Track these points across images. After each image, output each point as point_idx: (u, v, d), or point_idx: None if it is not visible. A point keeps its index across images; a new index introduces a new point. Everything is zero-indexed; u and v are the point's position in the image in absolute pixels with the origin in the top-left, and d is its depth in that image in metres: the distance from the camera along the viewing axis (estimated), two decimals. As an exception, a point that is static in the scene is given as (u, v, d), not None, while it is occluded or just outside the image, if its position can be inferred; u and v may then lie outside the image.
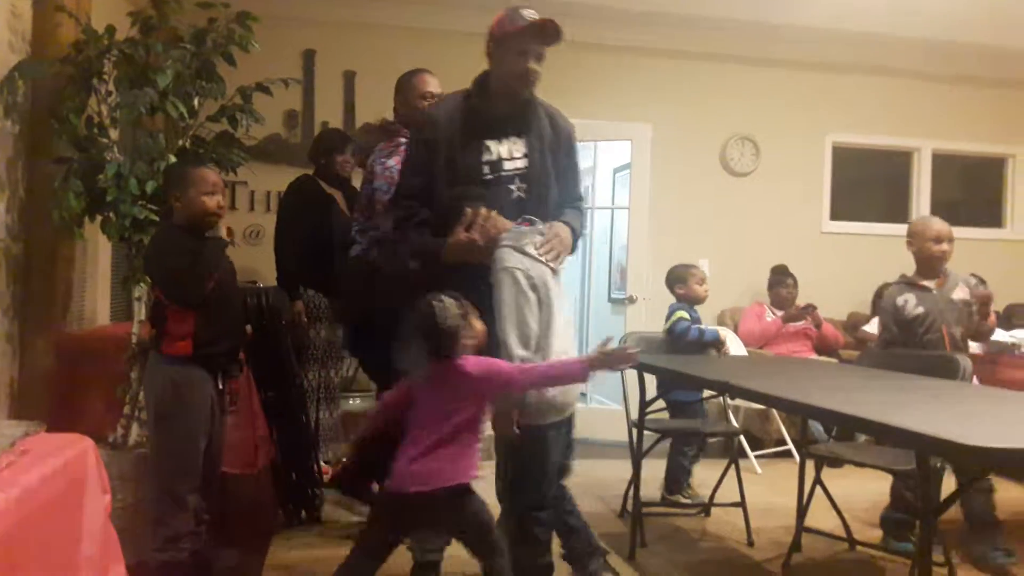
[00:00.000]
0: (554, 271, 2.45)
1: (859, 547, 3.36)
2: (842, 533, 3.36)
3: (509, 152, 2.66)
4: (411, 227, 2.63)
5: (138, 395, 3.15)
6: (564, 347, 2.41)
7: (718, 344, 4.19)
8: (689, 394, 3.94)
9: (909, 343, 3.54)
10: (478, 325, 2.28)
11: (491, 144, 2.63)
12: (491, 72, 2.65)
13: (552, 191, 2.67)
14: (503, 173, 2.62)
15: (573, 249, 2.65)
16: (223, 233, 2.77)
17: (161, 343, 2.71)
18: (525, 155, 2.66)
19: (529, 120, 2.68)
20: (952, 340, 3.51)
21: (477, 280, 2.40)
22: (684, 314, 4.11)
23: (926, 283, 3.63)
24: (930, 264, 3.64)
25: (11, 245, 3.16)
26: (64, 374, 3.45)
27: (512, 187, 2.63)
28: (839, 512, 3.35)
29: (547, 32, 2.51)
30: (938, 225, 3.69)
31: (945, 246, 3.64)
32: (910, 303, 3.58)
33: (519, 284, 2.34)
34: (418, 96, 3.30)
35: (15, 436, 1.52)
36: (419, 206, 2.61)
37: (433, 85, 3.33)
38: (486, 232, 2.43)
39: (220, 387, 2.80)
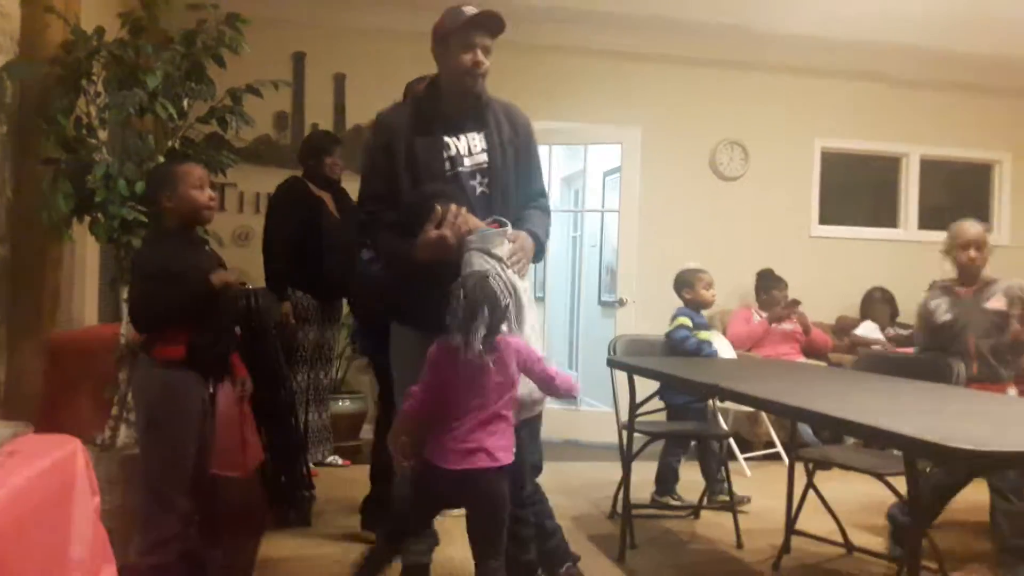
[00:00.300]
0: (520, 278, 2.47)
1: (856, 552, 3.35)
2: (832, 536, 3.37)
3: (468, 148, 2.68)
4: (378, 230, 2.64)
5: (126, 396, 3.14)
6: (533, 318, 2.47)
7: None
8: (683, 396, 3.93)
9: (936, 349, 3.45)
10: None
11: (449, 141, 2.65)
12: (440, 72, 2.68)
13: (514, 186, 2.70)
14: (463, 169, 2.64)
15: (539, 256, 2.66)
16: (230, 275, 2.75)
17: (153, 347, 2.67)
18: (484, 150, 2.68)
19: (485, 115, 2.70)
20: (979, 352, 3.40)
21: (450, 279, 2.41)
22: (685, 320, 4.10)
23: (961, 289, 3.57)
24: (964, 270, 3.56)
25: (-1, 246, 3.15)
26: (52, 375, 3.42)
27: (474, 183, 2.65)
28: (835, 516, 3.35)
29: (490, 24, 2.54)
30: (970, 231, 3.56)
31: (972, 252, 3.52)
32: (941, 308, 3.53)
33: None
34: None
35: (3, 437, 1.51)
36: (384, 209, 2.62)
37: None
38: (457, 229, 2.44)
39: (211, 390, 2.78)
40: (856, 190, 6.70)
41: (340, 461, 4.68)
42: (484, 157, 2.68)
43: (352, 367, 5.39)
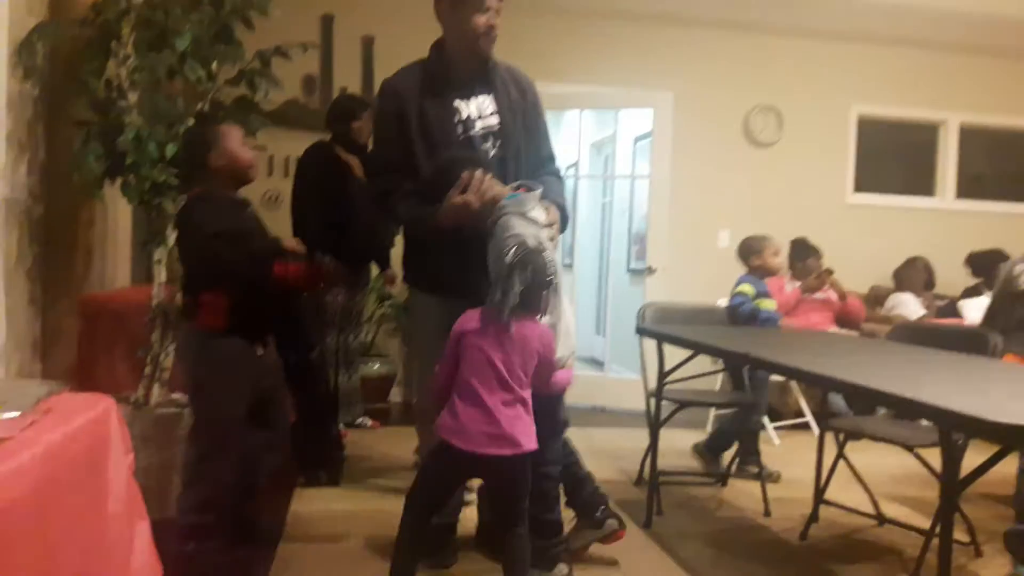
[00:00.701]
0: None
1: (887, 524, 3.32)
2: (861, 507, 3.35)
3: (479, 111, 2.66)
4: (398, 198, 2.60)
5: (159, 356, 3.18)
6: (569, 313, 2.45)
7: (777, 324, 4.07)
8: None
9: (1011, 318, 3.36)
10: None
11: (460, 104, 2.62)
12: (447, 34, 2.64)
13: (525, 149, 2.68)
14: (475, 133, 2.62)
15: (563, 227, 2.64)
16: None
17: (198, 315, 2.63)
18: (494, 112, 2.66)
19: (492, 78, 2.67)
20: None
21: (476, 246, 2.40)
22: (746, 288, 4.07)
23: None
24: None
25: (33, 207, 3.18)
26: (86, 335, 3.48)
27: (487, 146, 2.63)
28: (866, 487, 3.31)
29: None
30: None
31: None
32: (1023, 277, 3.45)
33: None
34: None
35: (39, 395, 1.53)
36: (401, 178, 2.58)
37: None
38: (481, 195, 2.41)
39: (260, 352, 2.77)
40: (892, 158, 6.57)
41: (369, 423, 4.73)
42: (495, 120, 2.66)
43: (381, 331, 5.41)
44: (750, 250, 4.20)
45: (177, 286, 3.19)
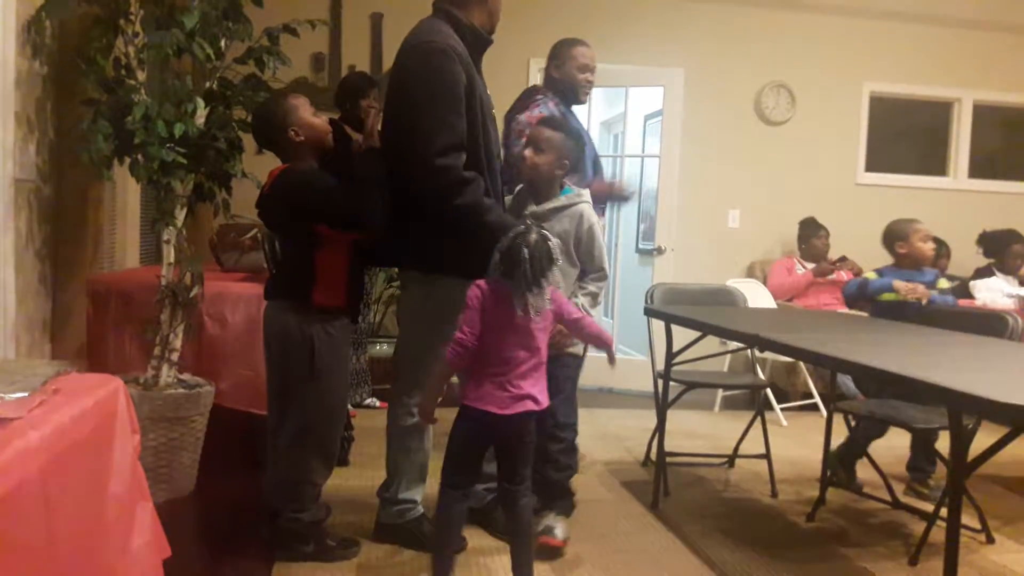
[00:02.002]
0: None
1: (898, 507, 3.31)
2: (870, 490, 3.34)
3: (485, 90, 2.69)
4: (481, 196, 2.50)
5: (168, 337, 3.19)
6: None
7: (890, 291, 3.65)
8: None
9: None
10: None
11: (482, 83, 2.65)
12: (474, 11, 2.61)
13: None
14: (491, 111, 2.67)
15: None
16: None
17: (311, 291, 2.52)
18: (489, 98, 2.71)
19: (480, 63, 2.69)
20: None
21: None
22: (872, 276, 3.76)
23: None
24: None
25: (42, 186, 3.18)
26: (95, 316, 3.49)
27: (493, 129, 2.69)
28: (879, 470, 3.30)
29: None
30: None
31: None
32: None
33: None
34: (578, 68, 3.50)
35: (47, 375, 1.54)
36: (469, 166, 2.49)
37: (591, 58, 3.54)
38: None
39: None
40: (905, 136, 6.50)
41: (377, 403, 4.74)
42: (490, 103, 2.69)
43: (389, 312, 5.42)
44: (896, 235, 3.73)
45: (185, 267, 3.20)
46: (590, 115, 5.92)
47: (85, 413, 1.54)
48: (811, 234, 5.66)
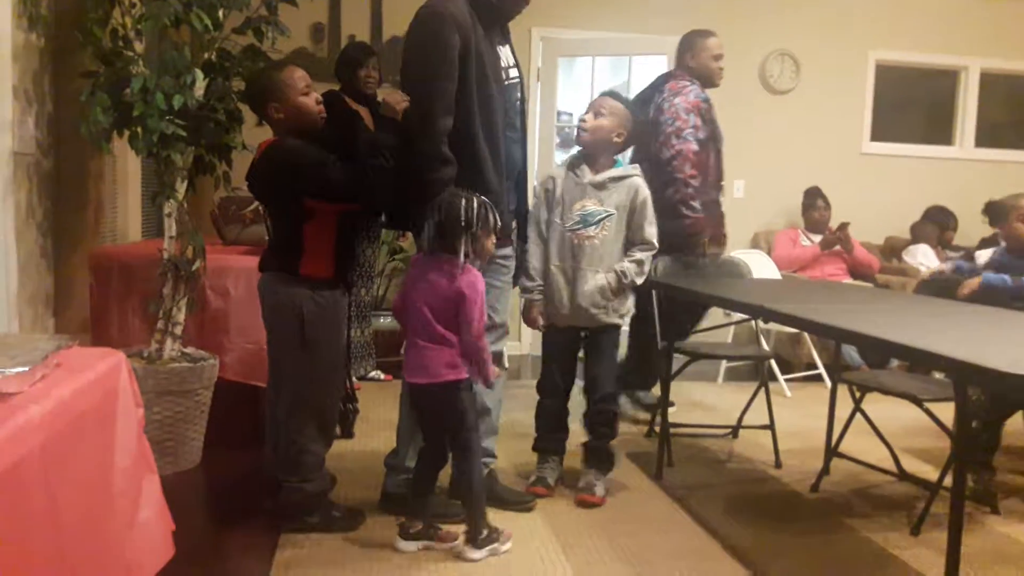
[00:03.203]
0: None
1: (903, 478, 3.31)
2: (873, 461, 3.34)
3: (507, 59, 2.67)
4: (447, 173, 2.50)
5: (171, 311, 3.18)
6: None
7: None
8: None
9: None
10: (489, 244, 2.41)
11: (500, 50, 2.62)
12: None
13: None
14: (508, 82, 2.63)
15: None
16: None
17: (299, 262, 2.53)
18: (516, 65, 2.72)
19: (506, 29, 2.70)
20: None
21: None
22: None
23: None
24: None
25: (41, 160, 3.16)
26: (98, 290, 3.49)
27: (515, 96, 2.69)
28: (885, 441, 3.28)
29: None
30: None
31: None
32: None
33: None
34: (712, 57, 4.00)
35: (48, 350, 1.53)
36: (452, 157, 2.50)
37: (721, 46, 4.02)
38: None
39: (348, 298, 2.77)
40: (910, 105, 6.44)
41: (382, 376, 4.75)
42: (516, 72, 2.69)
43: (392, 285, 5.41)
44: (1000, 213, 3.57)
45: (187, 240, 3.18)
46: (594, 84, 5.87)
47: (87, 387, 1.53)
48: (810, 205, 5.62)
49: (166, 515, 1.89)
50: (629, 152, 3.47)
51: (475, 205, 2.34)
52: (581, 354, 3.12)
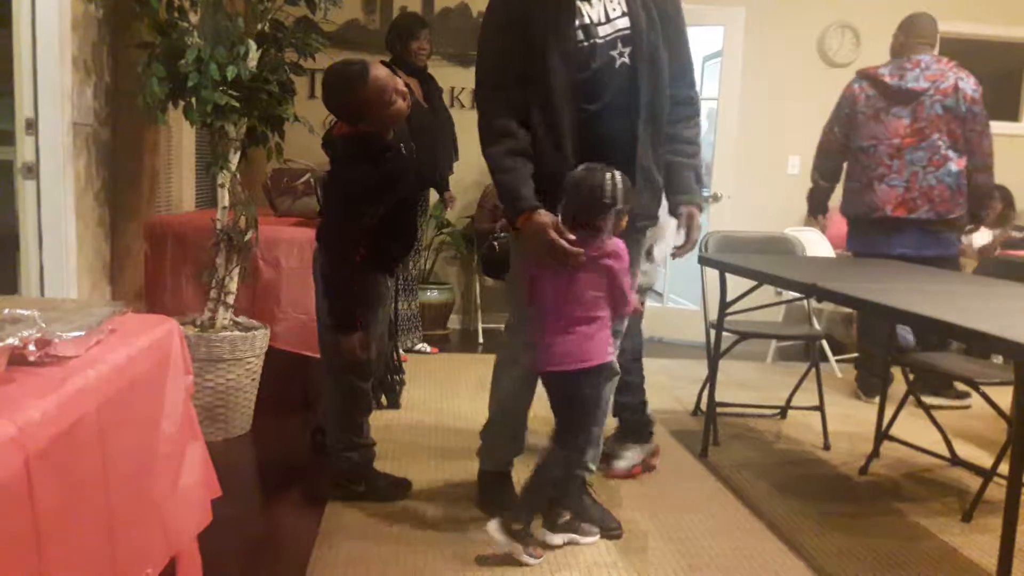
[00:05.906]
0: None
1: (956, 464, 3.23)
2: (927, 445, 3.26)
3: (605, 13, 2.38)
4: (504, 154, 2.36)
5: (224, 280, 3.24)
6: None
7: None
8: None
9: None
10: (624, 221, 2.32)
11: (582, 6, 2.36)
12: None
13: (663, 54, 2.41)
14: (599, 41, 2.35)
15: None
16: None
17: (354, 252, 2.58)
18: (625, 14, 2.37)
19: None
20: None
21: None
22: None
23: None
24: None
25: (99, 130, 3.22)
26: (152, 258, 3.56)
27: (614, 53, 2.35)
28: (939, 427, 3.20)
29: None
30: None
31: None
32: None
33: None
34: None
35: (103, 316, 1.56)
36: (518, 127, 2.36)
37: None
38: (563, 259, 2.27)
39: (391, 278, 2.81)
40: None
41: (428, 349, 4.78)
42: (625, 22, 2.37)
43: (440, 258, 5.43)
44: None
45: (239, 211, 3.23)
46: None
47: (140, 353, 1.57)
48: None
49: (211, 481, 1.93)
50: None
51: (618, 181, 2.23)
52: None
